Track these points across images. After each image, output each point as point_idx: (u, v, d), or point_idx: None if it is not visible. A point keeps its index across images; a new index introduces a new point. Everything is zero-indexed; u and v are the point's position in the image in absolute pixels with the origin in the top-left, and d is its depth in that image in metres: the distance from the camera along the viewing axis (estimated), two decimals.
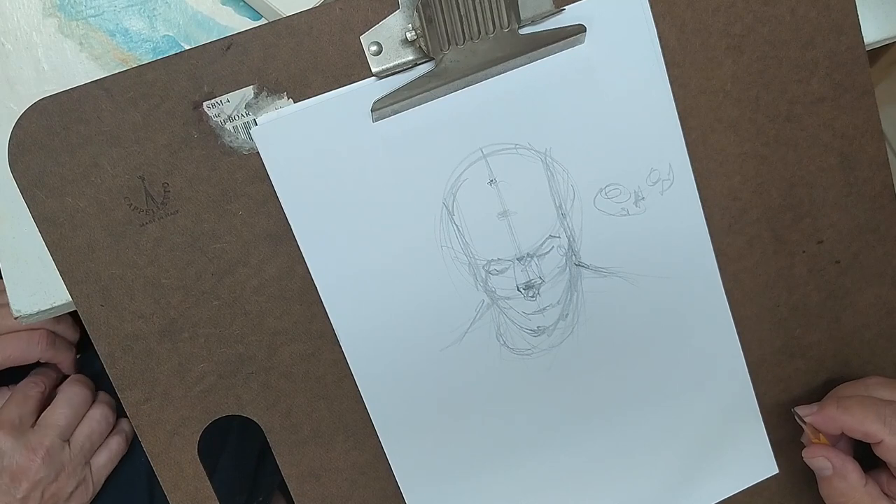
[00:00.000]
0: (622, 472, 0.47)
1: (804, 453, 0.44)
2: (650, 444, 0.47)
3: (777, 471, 0.49)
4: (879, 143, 0.46)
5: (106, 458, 0.55)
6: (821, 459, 0.42)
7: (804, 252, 0.47)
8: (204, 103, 0.38)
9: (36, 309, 0.42)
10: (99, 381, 0.56)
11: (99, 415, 0.54)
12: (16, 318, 0.42)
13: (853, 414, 0.41)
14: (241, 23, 0.42)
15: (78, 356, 0.57)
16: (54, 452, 0.51)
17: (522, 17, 0.38)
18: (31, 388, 0.53)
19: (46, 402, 0.53)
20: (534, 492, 0.46)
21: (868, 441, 0.41)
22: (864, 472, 0.42)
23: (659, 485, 0.48)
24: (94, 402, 0.55)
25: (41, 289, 0.41)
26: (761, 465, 0.49)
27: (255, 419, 0.41)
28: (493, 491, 0.46)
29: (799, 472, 0.49)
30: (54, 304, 0.41)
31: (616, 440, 0.46)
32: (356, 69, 0.39)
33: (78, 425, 0.53)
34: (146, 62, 0.37)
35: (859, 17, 0.44)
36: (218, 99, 0.38)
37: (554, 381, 0.44)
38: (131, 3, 0.42)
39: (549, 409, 0.45)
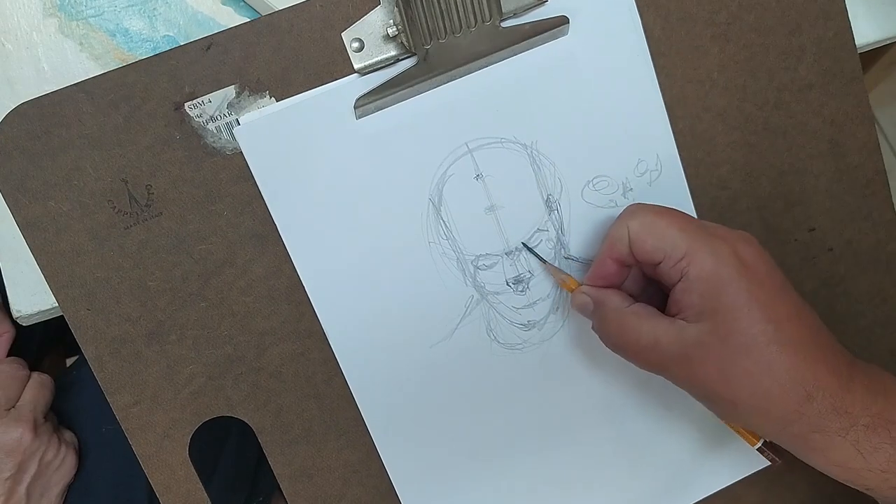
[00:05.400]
0: (617, 466, 0.47)
1: (571, 304, 0.41)
2: (645, 437, 0.47)
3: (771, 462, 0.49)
4: (870, 128, 0.46)
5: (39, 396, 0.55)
6: (580, 296, 0.40)
7: (796, 240, 0.46)
8: (185, 104, 0.37)
9: (36, 309, 0.43)
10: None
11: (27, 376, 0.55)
12: (16, 318, 0.43)
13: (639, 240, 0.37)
14: (242, 23, 0.42)
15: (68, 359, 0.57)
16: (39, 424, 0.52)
17: (504, 9, 0.38)
18: (17, 370, 0.54)
19: None
20: (528, 485, 0.46)
21: (651, 263, 0.37)
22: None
23: (655, 477, 0.48)
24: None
25: (41, 289, 0.41)
26: (759, 455, 0.49)
27: (245, 420, 0.41)
28: (486, 486, 0.45)
29: (793, 463, 0.49)
30: (54, 304, 0.40)
31: (610, 434, 0.46)
32: (338, 66, 0.38)
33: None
34: (126, 64, 0.37)
35: (860, 18, 0.44)
36: (200, 99, 0.38)
37: (545, 375, 0.44)
38: (131, 3, 0.42)
39: (541, 403, 0.45)
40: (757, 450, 0.41)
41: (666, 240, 0.36)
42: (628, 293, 0.40)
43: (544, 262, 0.42)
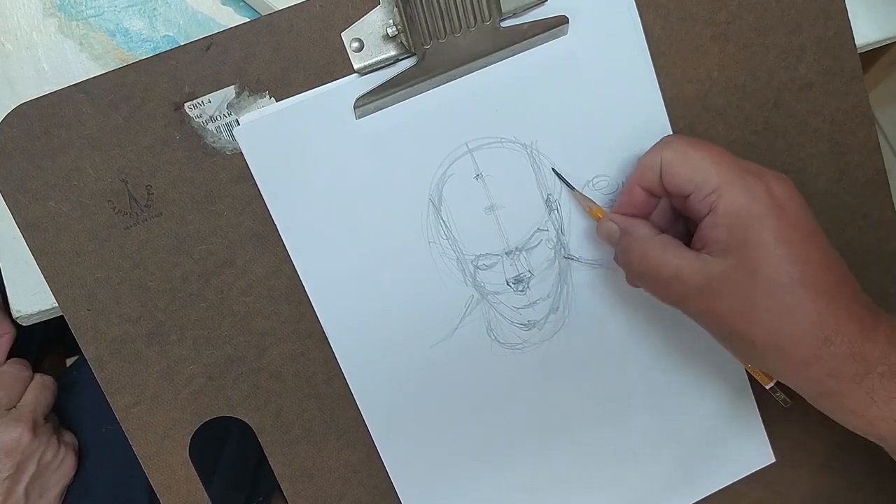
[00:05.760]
0: (616, 465, 0.47)
1: (596, 233, 0.41)
2: (647, 436, 0.47)
3: (774, 459, 0.49)
4: (870, 127, 0.46)
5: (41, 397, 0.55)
6: (607, 223, 0.40)
7: None
8: (185, 104, 0.37)
9: (36, 309, 0.43)
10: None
11: (31, 377, 0.55)
12: (16, 318, 0.43)
13: (670, 170, 0.37)
14: (242, 23, 0.42)
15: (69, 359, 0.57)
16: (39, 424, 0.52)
17: (504, 9, 0.38)
18: (20, 371, 0.54)
19: None
20: (528, 484, 0.46)
21: (681, 195, 0.37)
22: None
23: (655, 476, 0.48)
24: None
25: (41, 289, 0.41)
26: (759, 454, 0.49)
27: (245, 420, 0.41)
28: (486, 486, 0.45)
29: (795, 461, 0.49)
30: (54, 304, 0.40)
31: (610, 433, 0.46)
32: (338, 66, 0.38)
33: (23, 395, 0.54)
34: (126, 64, 0.37)
35: (860, 18, 0.44)
36: (199, 100, 0.37)
37: (546, 374, 0.44)
38: (131, 3, 0.42)
39: (541, 403, 0.45)
40: (769, 389, 0.41)
41: (698, 172, 0.36)
42: (655, 226, 0.40)
43: (572, 188, 0.41)
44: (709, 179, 0.35)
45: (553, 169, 0.42)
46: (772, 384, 0.41)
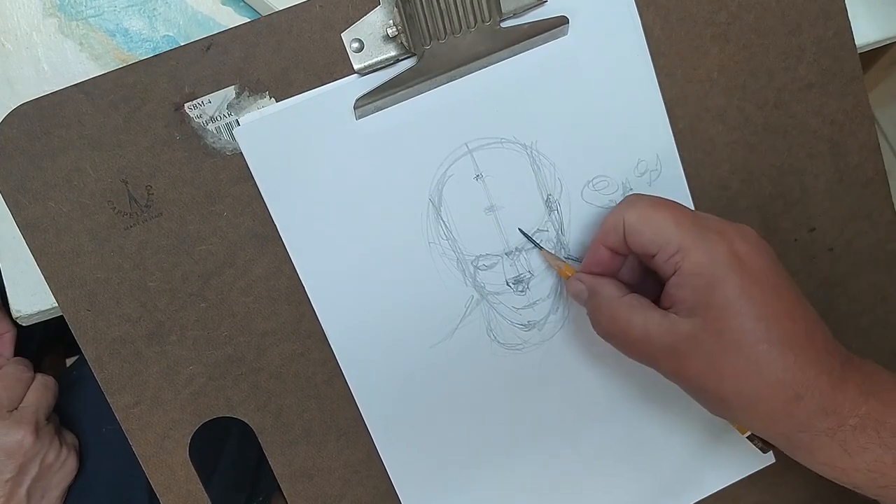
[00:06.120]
0: (616, 466, 0.47)
1: (566, 290, 0.41)
2: (645, 437, 0.47)
3: (774, 460, 0.49)
4: (870, 128, 0.46)
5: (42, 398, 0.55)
6: (575, 283, 0.40)
7: (796, 240, 0.46)
8: (185, 105, 0.37)
9: (36, 309, 0.43)
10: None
11: (32, 378, 0.55)
12: (16, 318, 0.43)
13: (636, 232, 0.37)
14: (242, 23, 0.42)
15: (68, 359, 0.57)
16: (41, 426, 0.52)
17: (504, 9, 0.38)
18: (22, 372, 0.54)
19: None
20: (527, 485, 0.46)
21: (646, 255, 0.37)
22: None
23: (655, 477, 0.48)
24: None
25: (41, 289, 0.41)
26: (757, 456, 0.49)
27: (245, 420, 0.41)
28: (486, 486, 0.45)
29: (795, 462, 0.49)
30: (54, 304, 0.40)
31: (612, 434, 0.46)
32: (338, 67, 0.38)
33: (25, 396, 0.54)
34: (126, 64, 0.37)
35: (859, 18, 0.44)
36: (199, 100, 0.38)
37: (546, 375, 0.44)
38: (131, 3, 0.42)
39: (541, 403, 0.45)
40: (747, 437, 0.41)
41: (661, 233, 0.36)
42: (625, 282, 0.40)
43: (540, 248, 0.42)
44: (671, 241, 0.36)
45: (520, 229, 0.42)
46: (748, 433, 0.41)
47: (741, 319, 0.34)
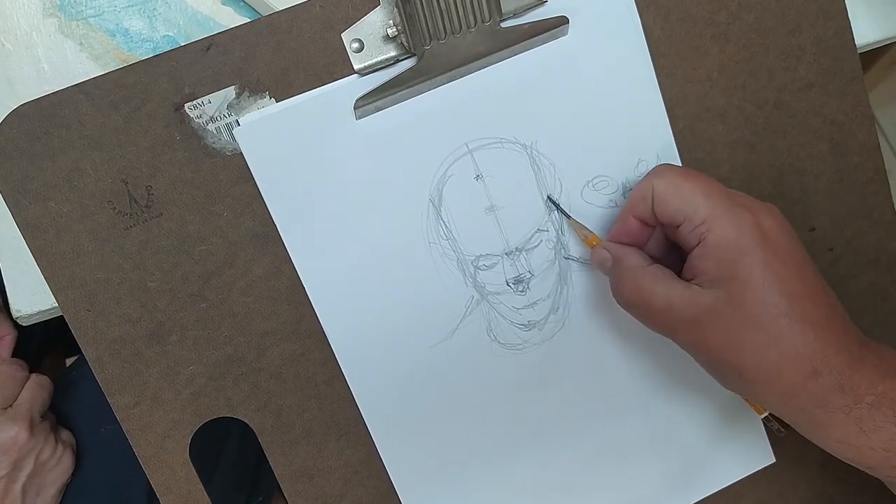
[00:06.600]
0: (617, 465, 0.47)
1: (590, 260, 0.42)
2: (648, 436, 0.47)
3: (774, 460, 0.49)
4: (870, 128, 0.46)
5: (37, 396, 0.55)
6: (599, 251, 0.40)
7: None
8: (185, 105, 0.37)
9: (36, 309, 0.43)
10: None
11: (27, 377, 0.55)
12: (16, 318, 0.43)
13: (660, 201, 0.37)
14: (242, 23, 0.42)
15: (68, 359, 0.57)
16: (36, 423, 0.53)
17: (504, 10, 0.38)
18: (16, 371, 0.54)
19: None
20: (528, 485, 0.46)
21: (672, 224, 0.37)
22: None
23: (659, 476, 0.48)
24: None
25: (41, 289, 0.41)
26: (759, 454, 0.49)
27: (245, 420, 0.41)
28: (487, 486, 0.45)
29: (794, 461, 0.49)
30: (54, 304, 0.40)
31: (613, 434, 0.46)
32: (338, 67, 0.38)
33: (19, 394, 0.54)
34: (126, 64, 0.37)
35: (859, 18, 0.44)
36: (199, 100, 0.37)
37: (546, 375, 0.44)
38: (131, 3, 0.42)
39: (542, 403, 0.45)
40: (763, 419, 0.41)
41: (689, 203, 0.36)
42: (650, 255, 0.40)
43: (568, 216, 0.42)
44: (698, 211, 0.36)
45: (549, 196, 0.42)
46: (765, 414, 0.41)
47: (764, 293, 0.34)
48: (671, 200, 0.37)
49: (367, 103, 0.38)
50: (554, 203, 0.42)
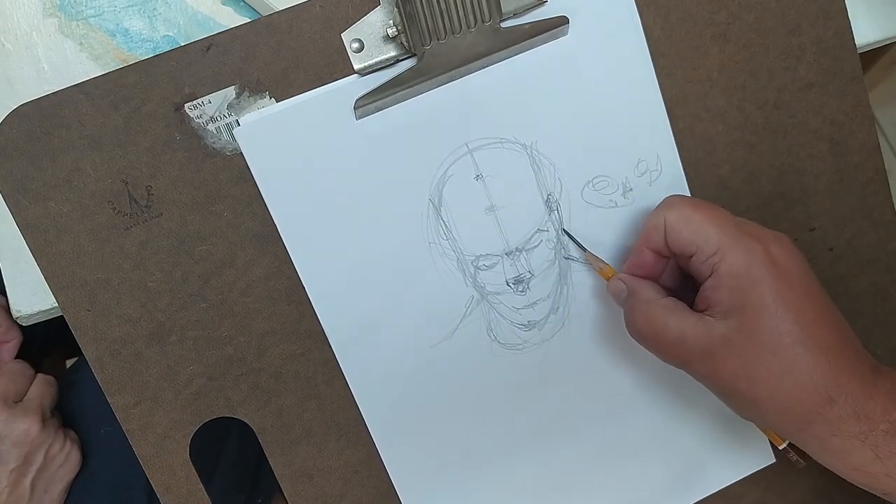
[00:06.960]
0: (617, 465, 0.47)
1: (607, 291, 0.42)
2: (647, 436, 0.47)
3: (774, 460, 0.49)
4: (870, 128, 0.46)
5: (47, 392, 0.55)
6: (615, 282, 0.40)
7: (796, 240, 0.46)
8: (185, 105, 0.37)
9: (36, 309, 0.43)
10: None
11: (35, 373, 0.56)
12: (16, 318, 0.43)
13: (673, 232, 0.38)
14: (242, 23, 0.42)
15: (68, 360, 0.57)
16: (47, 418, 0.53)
17: (504, 10, 0.38)
18: (25, 369, 0.55)
19: None
20: (528, 485, 0.46)
21: (684, 255, 0.38)
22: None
23: (656, 476, 0.48)
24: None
25: (41, 289, 0.41)
26: (759, 455, 0.49)
27: (246, 420, 0.41)
28: (486, 486, 0.45)
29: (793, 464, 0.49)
30: (54, 305, 0.40)
31: (613, 434, 0.46)
32: (338, 67, 0.38)
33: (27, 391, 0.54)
34: (126, 64, 0.37)
35: (859, 18, 0.44)
36: (199, 100, 0.38)
37: (546, 375, 0.44)
38: (131, 3, 0.42)
39: (542, 403, 0.45)
40: (782, 450, 0.41)
41: (700, 234, 0.36)
42: (665, 287, 0.40)
43: (584, 249, 0.42)
44: (710, 241, 0.36)
45: (564, 230, 0.42)
46: (785, 444, 0.41)
47: (776, 321, 0.34)
48: (683, 231, 0.37)
49: (368, 103, 0.38)
50: (569, 236, 0.42)
